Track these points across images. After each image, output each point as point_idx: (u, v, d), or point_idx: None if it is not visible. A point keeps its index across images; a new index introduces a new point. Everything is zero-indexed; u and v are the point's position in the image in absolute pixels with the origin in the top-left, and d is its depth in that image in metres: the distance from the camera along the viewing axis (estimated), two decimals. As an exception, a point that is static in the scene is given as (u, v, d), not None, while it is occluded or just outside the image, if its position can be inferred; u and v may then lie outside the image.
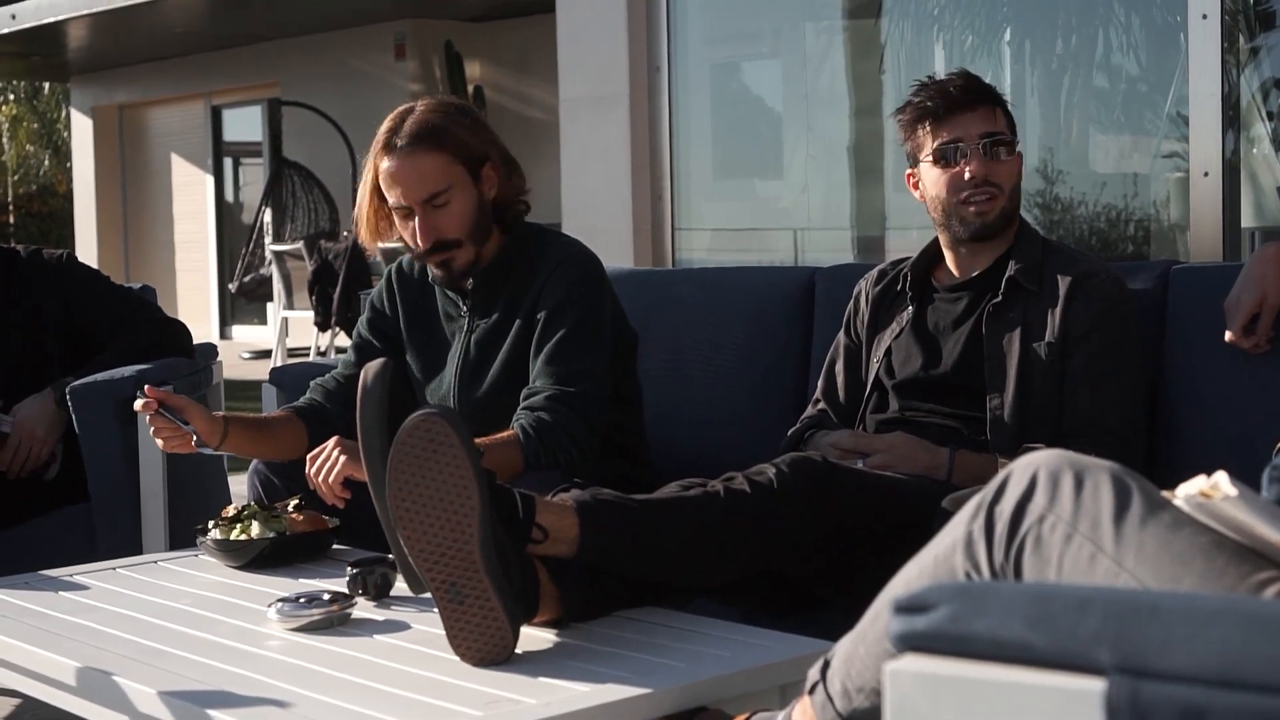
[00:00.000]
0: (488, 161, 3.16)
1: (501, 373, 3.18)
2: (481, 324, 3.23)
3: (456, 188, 3.12)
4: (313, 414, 3.29)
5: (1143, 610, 1.13)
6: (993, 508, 1.62)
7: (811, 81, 6.36)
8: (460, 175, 3.13)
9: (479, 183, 3.15)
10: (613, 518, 2.46)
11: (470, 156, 3.13)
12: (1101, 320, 2.99)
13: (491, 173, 3.17)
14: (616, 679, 2.15)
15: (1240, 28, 4.70)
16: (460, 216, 3.14)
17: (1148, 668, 1.09)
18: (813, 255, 5.91)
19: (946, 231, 3.13)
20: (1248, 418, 2.94)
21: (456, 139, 3.11)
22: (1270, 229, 4.82)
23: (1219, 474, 1.43)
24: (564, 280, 3.14)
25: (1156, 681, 1.08)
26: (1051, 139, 5.58)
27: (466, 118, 3.17)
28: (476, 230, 3.16)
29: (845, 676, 1.83)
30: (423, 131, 3.10)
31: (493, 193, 3.18)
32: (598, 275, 3.21)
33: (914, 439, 2.98)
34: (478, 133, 3.17)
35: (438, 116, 3.12)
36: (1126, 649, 1.11)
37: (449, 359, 3.27)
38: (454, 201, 3.12)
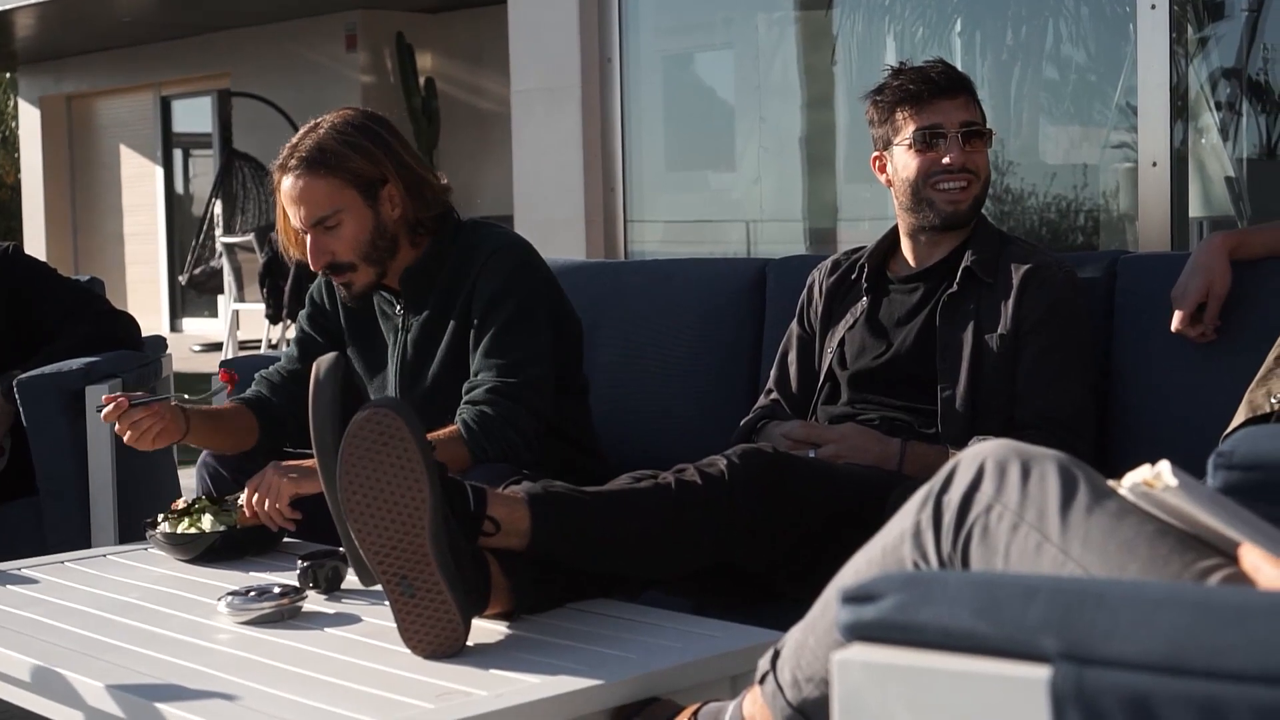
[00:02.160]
0: (386, 183, 3.12)
1: (441, 369, 3.17)
2: (416, 322, 3.22)
3: (347, 211, 3.10)
4: (261, 406, 3.28)
5: (1088, 598, 1.14)
6: (940, 498, 1.62)
7: (763, 73, 6.37)
8: (352, 199, 3.10)
9: (376, 204, 3.12)
10: (564, 510, 2.46)
11: (364, 180, 3.10)
12: (1053, 312, 3.00)
13: (393, 193, 3.13)
14: (568, 671, 2.15)
15: (1189, 18, 4.73)
16: (352, 240, 3.12)
17: (1092, 654, 1.10)
18: (765, 247, 5.91)
19: (913, 217, 3.13)
20: (1195, 406, 2.97)
21: (348, 163, 3.08)
22: (1218, 219, 4.85)
23: (1162, 463, 1.44)
24: (498, 271, 3.13)
25: (1101, 668, 1.09)
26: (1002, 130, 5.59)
27: (367, 137, 3.12)
28: (373, 252, 3.14)
29: (795, 666, 1.83)
30: (312, 156, 3.08)
31: (396, 212, 3.14)
32: (533, 263, 3.20)
33: (865, 430, 2.99)
34: (378, 154, 3.11)
35: (334, 139, 3.09)
36: (1071, 636, 1.11)
37: (389, 358, 3.27)
38: (345, 225, 3.11)
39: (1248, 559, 1.40)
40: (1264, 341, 2.73)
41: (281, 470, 2.90)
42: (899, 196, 3.13)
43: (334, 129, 3.12)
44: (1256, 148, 5.14)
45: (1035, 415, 2.95)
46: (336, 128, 3.12)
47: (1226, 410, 2.69)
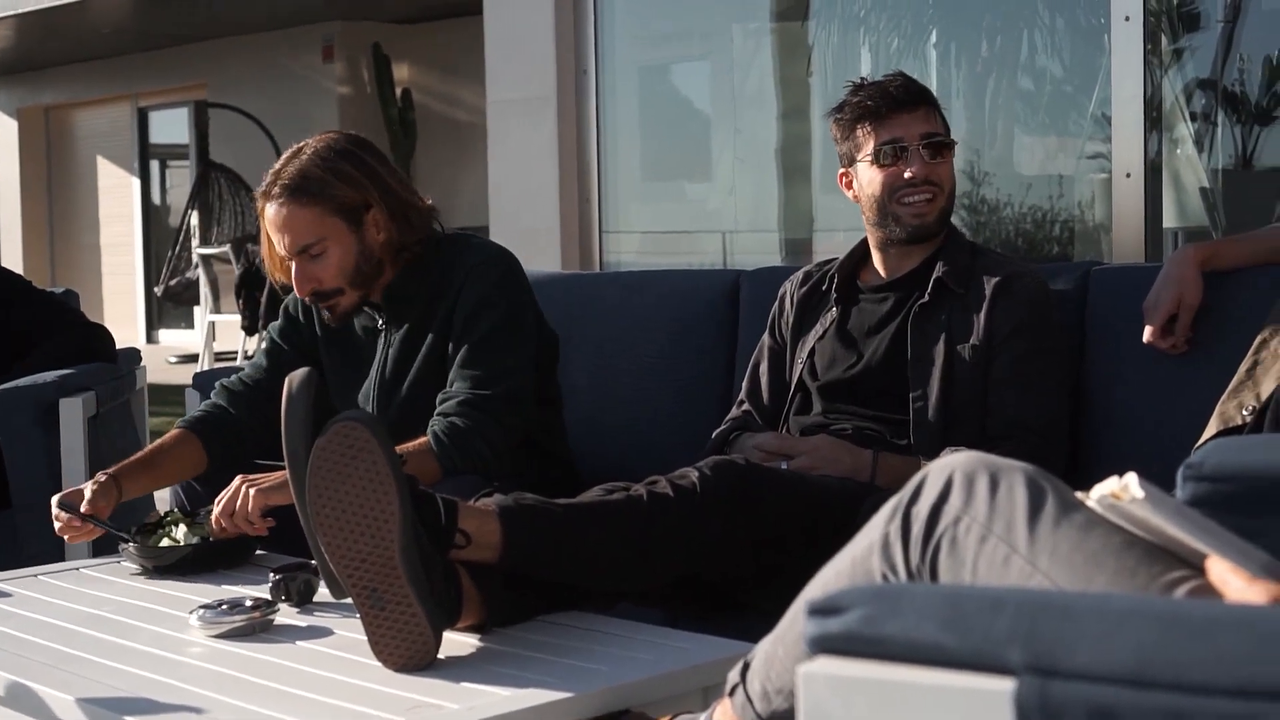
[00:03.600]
0: (371, 208, 3.12)
1: (419, 381, 3.17)
2: (398, 336, 3.22)
3: (332, 239, 3.10)
4: (209, 425, 3.27)
5: (1053, 610, 1.14)
6: (909, 509, 1.62)
7: (739, 84, 6.37)
8: (336, 226, 3.10)
9: (361, 230, 3.12)
10: (536, 523, 2.46)
11: (348, 207, 3.10)
12: (1025, 323, 3.01)
13: (378, 218, 3.13)
14: (539, 683, 2.14)
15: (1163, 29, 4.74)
16: (337, 266, 3.12)
17: (1057, 667, 1.10)
18: (741, 257, 5.91)
19: (881, 231, 3.14)
20: (1167, 417, 2.97)
21: (331, 191, 3.08)
22: (1193, 229, 4.86)
23: (1129, 475, 1.44)
24: (480, 282, 3.12)
25: (1066, 681, 1.09)
26: (977, 141, 5.60)
27: (351, 163, 3.11)
28: (358, 276, 3.14)
29: (765, 678, 1.83)
30: (296, 183, 3.08)
31: (381, 236, 3.14)
32: (515, 275, 3.20)
33: (837, 441, 2.99)
34: (362, 179, 3.10)
35: (317, 165, 3.08)
36: (1037, 649, 1.11)
37: (369, 371, 3.26)
38: (330, 252, 3.10)
39: (1215, 571, 1.40)
40: (1236, 353, 2.74)
41: (250, 483, 2.90)
42: (866, 212, 3.14)
43: (317, 155, 3.10)
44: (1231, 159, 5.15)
45: (1007, 426, 2.95)
46: (320, 154, 3.11)
47: (1199, 422, 2.70)
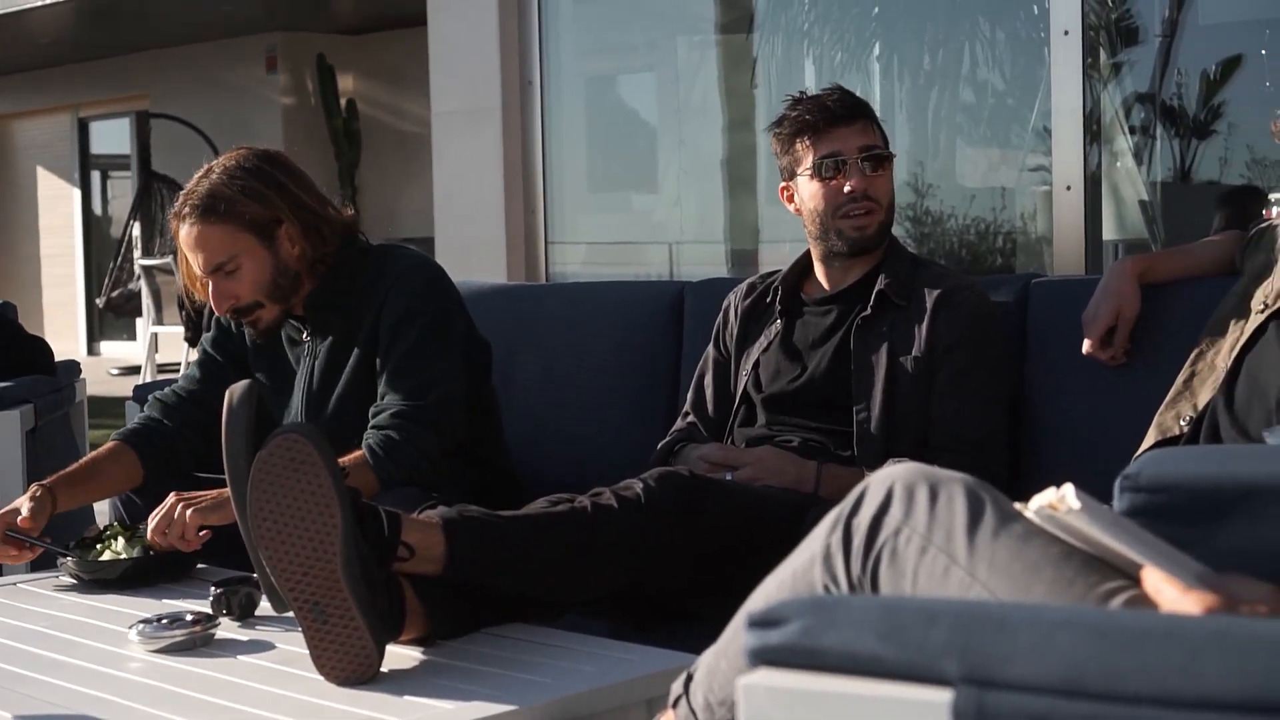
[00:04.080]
0: (282, 224, 3.12)
1: (347, 392, 3.17)
2: (323, 348, 3.22)
3: (245, 255, 3.10)
4: (144, 438, 3.26)
5: (989, 621, 1.15)
6: (850, 521, 1.63)
7: (684, 95, 6.39)
8: (248, 243, 3.10)
9: (274, 244, 3.12)
10: (479, 535, 2.46)
11: (259, 223, 3.10)
12: (966, 335, 3.03)
13: (290, 232, 3.13)
14: (483, 696, 2.14)
15: (1102, 43, 4.79)
16: (253, 282, 3.12)
17: (993, 678, 1.11)
18: (687, 269, 5.93)
19: (822, 245, 3.15)
20: (1106, 428, 3.00)
21: (240, 208, 3.08)
22: (1133, 242, 4.91)
23: (1066, 486, 1.46)
24: (405, 292, 3.13)
25: (1001, 691, 1.10)
26: (920, 153, 5.64)
27: (259, 179, 3.11)
28: (276, 291, 3.15)
29: (708, 690, 1.84)
30: (205, 203, 3.08)
31: (295, 250, 3.14)
32: (440, 283, 3.20)
33: (782, 452, 3.00)
34: (271, 195, 3.11)
35: (225, 183, 3.09)
36: (973, 660, 1.12)
37: (296, 384, 3.25)
38: (244, 268, 3.11)
39: (1150, 581, 1.42)
40: (1174, 364, 2.77)
41: (185, 501, 2.89)
42: (807, 225, 3.15)
43: (225, 173, 3.11)
44: (1170, 171, 5.20)
45: (949, 437, 2.97)
46: (228, 171, 3.11)
47: (1137, 433, 2.73)
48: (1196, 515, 1.82)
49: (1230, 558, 1.60)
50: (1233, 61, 5.04)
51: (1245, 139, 4.98)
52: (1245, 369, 2.60)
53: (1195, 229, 4.39)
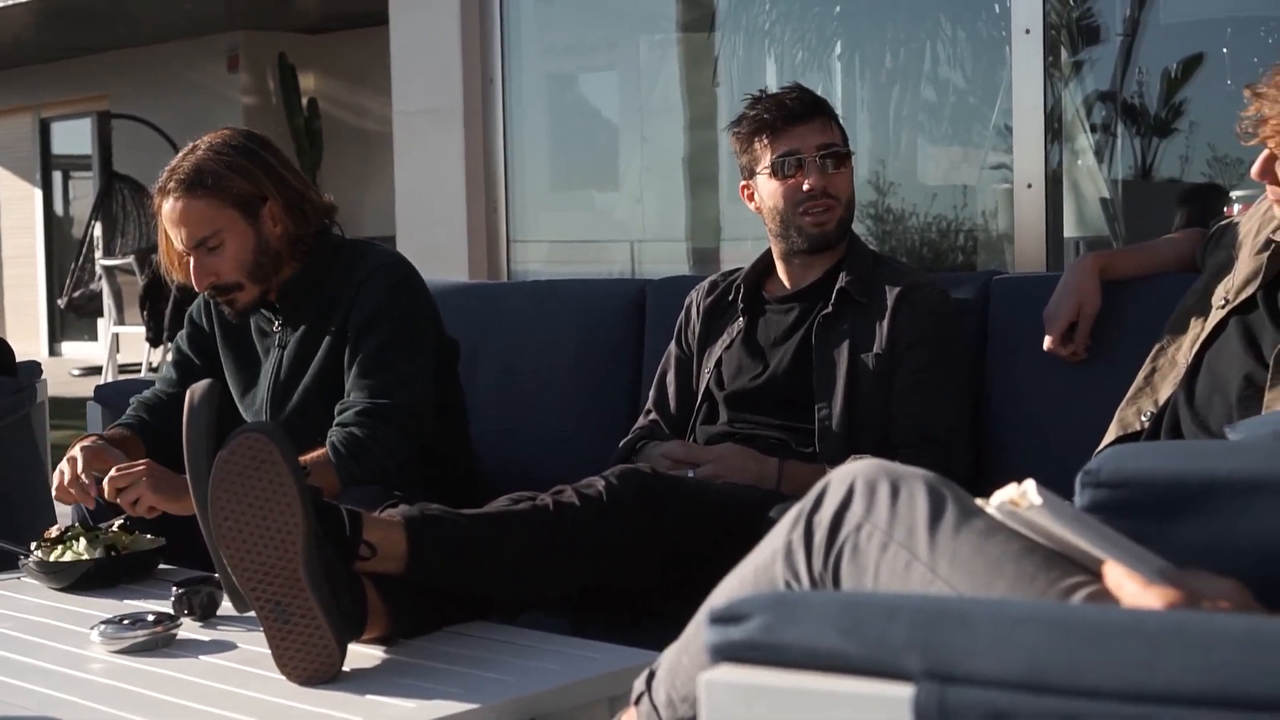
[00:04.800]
0: (267, 201, 3.13)
1: (313, 386, 3.16)
2: (293, 339, 3.21)
3: (229, 231, 3.10)
4: (143, 430, 3.26)
5: (950, 617, 1.15)
6: (811, 517, 1.63)
7: (646, 93, 6.39)
8: (233, 219, 3.10)
9: (258, 222, 3.12)
10: (441, 533, 2.45)
11: (244, 199, 3.11)
12: (927, 332, 3.04)
13: (274, 210, 3.13)
14: (445, 695, 2.13)
15: (1063, 42, 4.80)
16: (235, 259, 3.12)
17: (954, 673, 1.11)
18: (649, 267, 5.92)
19: (783, 242, 3.16)
20: (1068, 424, 3.01)
21: (226, 183, 3.09)
22: (1093, 239, 4.92)
23: (1027, 482, 1.46)
24: (376, 289, 3.12)
25: (963, 686, 1.10)
26: (882, 151, 5.65)
27: (246, 156, 3.13)
28: (257, 270, 3.15)
29: (670, 686, 1.83)
30: (191, 177, 3.08)
31: (278, 229, 3.14)
32: (412, 282, 3.20)
33: (743, 449, 3.01)
34: (257, 172, 3.12)
35: (212, 159, 3.10)
36: (934, 655, 1.12)
37: (262, 375, 3.25)
38: (227, 245, 3.11)
39: (1111, 576, 1.42)
40: (1135, 360, 2.78)
41: (153, 478, 2.88)
42: (768, 223, 3.16)
43: (212, 149, 3.12)
44: (1131, 169, 5.22)
45: (910, 434, 2.98)
46: (214, 148, 3.12)
47: (1099, 428, 2.74)
48: (1158, 510, 1.82)
49: (1192, 553, 1.60)
50: (1194, 60, 5.06)
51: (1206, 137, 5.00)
52: (1206, 365, 2.61)
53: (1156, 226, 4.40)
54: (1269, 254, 2.63)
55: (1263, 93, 2.47)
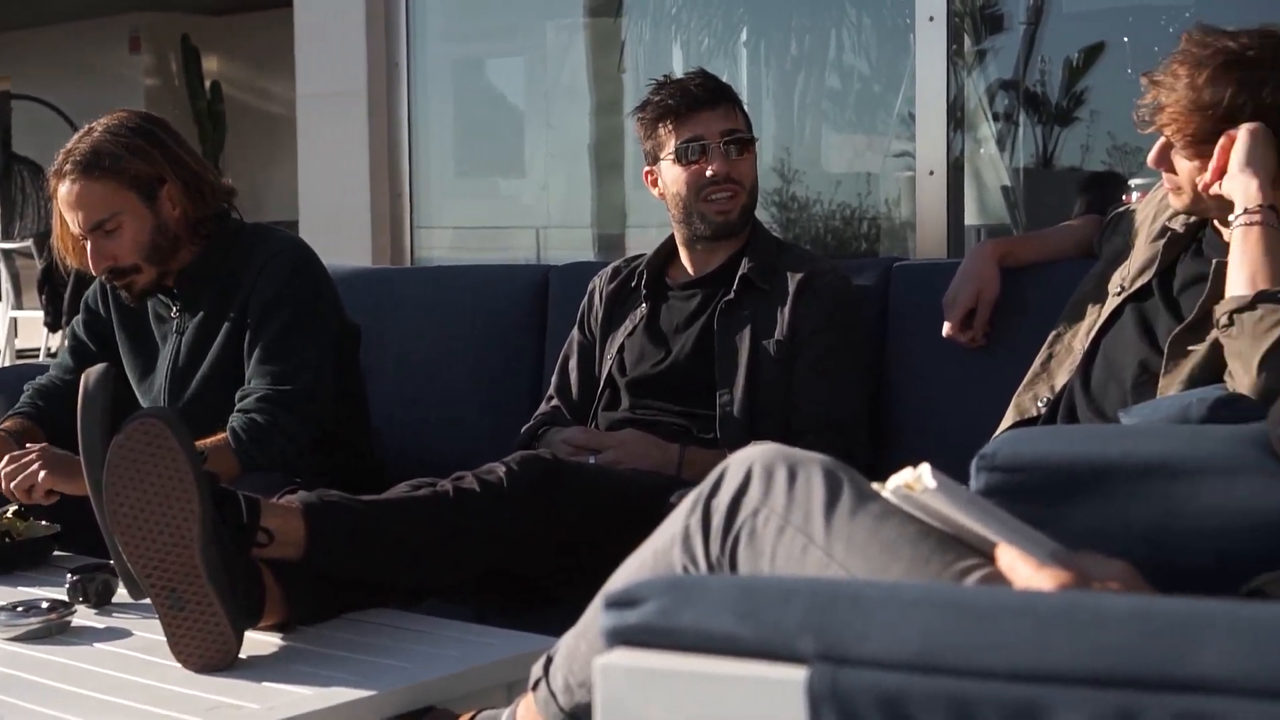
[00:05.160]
0: (165, 183, 3.10)
1: (212, 373, 3.13)
2: (191, 325, 3.18)
3: (126, 214, 3.08)
4: (40, 418, 3.22)
5: (843, 600, 1.15)
6: (709, 502, 1.63)
7: (552, 79, 6.36)
8: (130, 201, 3.08)
9: (155, 205, 3.10)
10: (340, 519, 2.44)
11: (142, 181, 3.08)
12: (828, 318, 3.05)
13: (172, 193, 3.11)
14: (342, 682, 2.12)
15: (967, 30, 4.82)
16: (133, 242, 3.10)
17: (847, 655, 1.11)
18: (555, 253, 5.90)
19: (686, 229, 3.16)
20: (965, 409, 3.03)
21: (123, 165, 3.06)
22: (994, 227, 4.96)
23: (922, 466, 1.47)
24: (277, 275, 3.10)
25: (856, 668, 1.10)
26: (787, 138, 5.66)
27: (143, 138, 3.10)
28: (155, 253, 3.12)
29: (568, 672, 1.83)
30: (87, 160, 3.06)
31: (176, 211, 3.12)
32: (311, 267, 3.17)
33: (645, 435, 3.01)
34: (154, 154, 3.10)
35: (109, 141, 3.07)
36: (828, 638, 1.12)
37: (159, 362, 3.21)
38: (124, 227, 3.08)
39: (1003, 559, 1.43)
40: (1032, 346, 2.81)
41: (49, 460, 2.85)
42: (671, 209, 3.16)
43: (109, 131, 3.09)
44: (1032, 158, 5.26)
45: (811, 420, 2.99)
46: (111, 130, 3.10)
47: (996, 414, 2.76)
48: (1051, 494, 1.84)
49: (1084, 536, 1.62)
50: (1095, 49, 5.10)
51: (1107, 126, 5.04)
52: (1102, 351, 2.64)
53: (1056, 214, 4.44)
54: (1165, 242, 2.66)
55: (1160, 80, 2.50)
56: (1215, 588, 1.50)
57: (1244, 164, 2.40)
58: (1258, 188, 2.37)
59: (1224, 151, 2.44)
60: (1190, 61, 2.47)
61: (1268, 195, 2.36)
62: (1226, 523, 1.80)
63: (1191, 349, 2.44)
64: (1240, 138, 2.42)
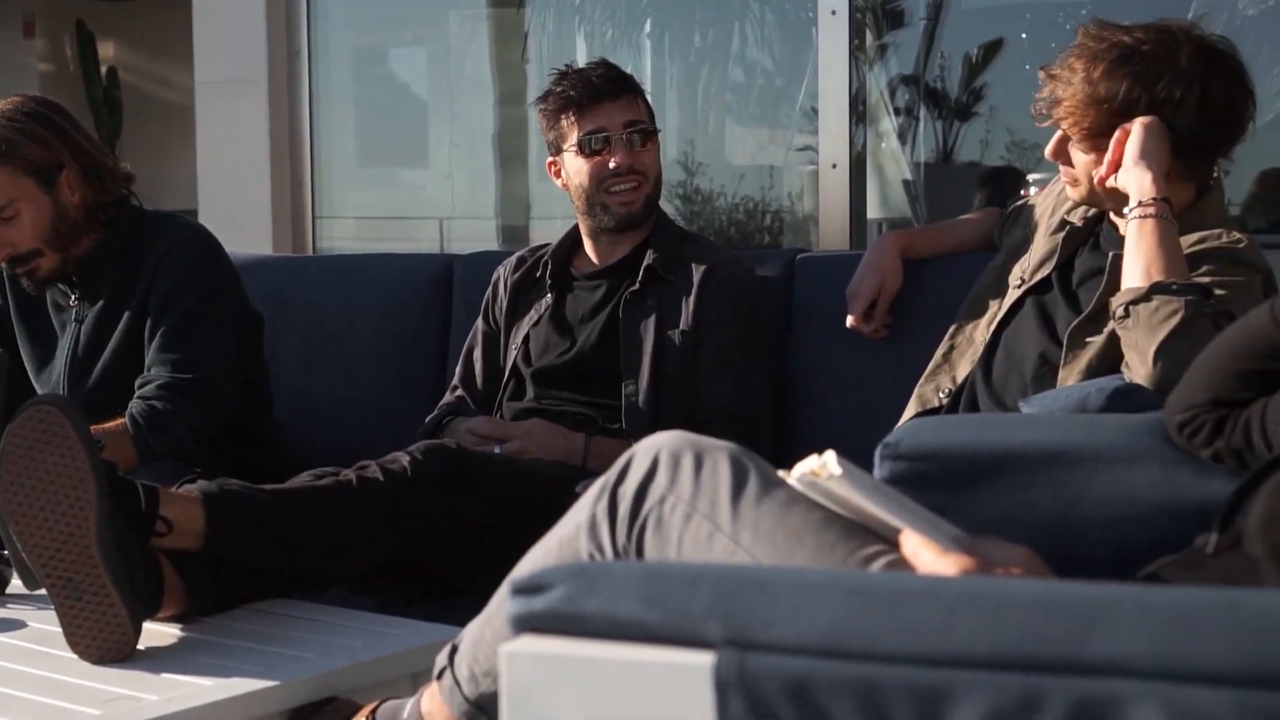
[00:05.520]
0: (63, 169, 3.08)
1: (113, 361, 3.10)
2: (91, 314, 3.14)
3: (25, 200, 3.05)
4: None
5: (750, 585, 1.15)
6: (616, 489, 1.64)
7: (455, 69, 6.34)
8: (28, 187, 3.05)
9: (54, 191, 3.07)
10: (240, 509, 2.41)
11: (39, 167, 3.05)
12: (733, 309, 3.06)
13: (71, 178, 3.08)
14: (243, 672, 2.11)
15: (869, 25, 4.85)
16: (33, 228, 3.07)
17: (754, 640, 1.11)
18: (458, 244, 5.87)
19: (590, 220, 3.16)
20: (869, 399, 3.05)
21: (20, 151, 3.04)
22: (896, 220, 5.00)
23: (828, 453, 1.47)
24: (178, 263, 3.07)
25: (762, 653, 1.11)
26: (691, 131, 5.67)
27: (40, 124, 3.07)
28: (55, 238, 3.09)
29: (473, 661, 1.83)
30: None
31: (75, 197, 3.09)
32: (214, 256, 3.15)
33: (550, 425, 3.01)
34: (52, 140, 3.07)
35: (4, 127, 3.04)
36: (734, 623, 1.13)
37: (58, 351, 3.17)
38: (23, 214, 3.06)
39: (908, 545, 1.44)
40: (934, 338, 2.83)
41: None
42: (575, 200, 3.16)
43: (4, 117, 3.06)
44: (933, 152, 5.30)
45: (715, 410, 3.00)
46: (7, 115, 3.07)
47: (899, 404, 2.78)
48: (954, 482, 1.86)
49: (986, 523, 1.64)
50: (994, 45, 5.14)
51: (1005, 121, 5.09)
52: (1003, 342, 2.67)
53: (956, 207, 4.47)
54: (1063, 235, 2.69)
55: (1056, 75, 2.53)
56: (1113, 573, 1.52)
57: (1138, 157, 2.43)
58: (1151, 181, 2.40)
59: (1119, 145, 2.47)
60: (1086, 56, 2.50)
61: (1161, 188, 2.40)
62: (1124, 509, 1.83)
63: (1090, 340, 2.47)
64: (1135, 132, 2.45)
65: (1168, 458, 1.84)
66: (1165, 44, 2.48)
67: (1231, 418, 1.79)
